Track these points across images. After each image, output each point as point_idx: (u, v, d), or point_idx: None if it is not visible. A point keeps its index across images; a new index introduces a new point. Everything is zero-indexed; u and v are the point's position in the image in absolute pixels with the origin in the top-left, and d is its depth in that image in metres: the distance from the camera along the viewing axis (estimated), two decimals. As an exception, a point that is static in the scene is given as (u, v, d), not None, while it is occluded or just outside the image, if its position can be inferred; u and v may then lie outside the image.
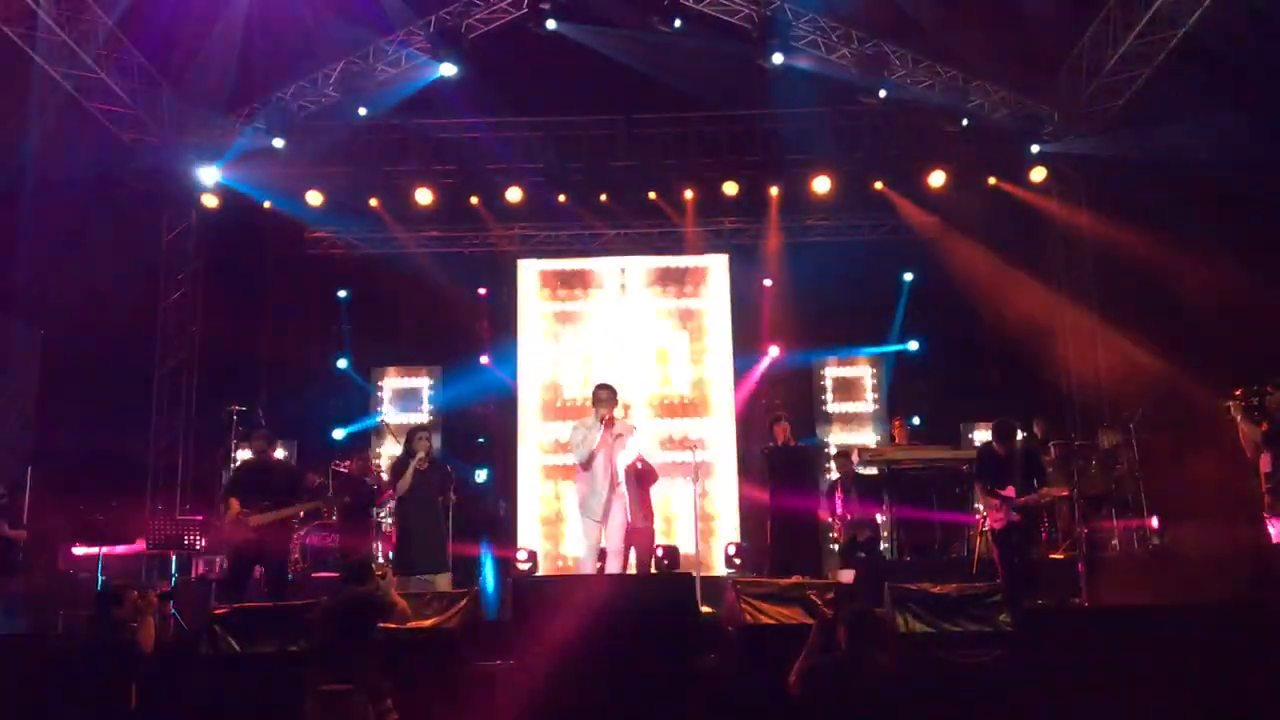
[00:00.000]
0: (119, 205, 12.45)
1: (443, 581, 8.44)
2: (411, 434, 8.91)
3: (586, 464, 7.73)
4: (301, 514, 9.34)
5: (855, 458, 10.85)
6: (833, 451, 12.22)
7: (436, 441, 11.76)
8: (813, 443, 12.64)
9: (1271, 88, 9.88)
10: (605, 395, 7.83)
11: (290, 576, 8.92)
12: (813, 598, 7.22)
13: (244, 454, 10.87)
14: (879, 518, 10.39)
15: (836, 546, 10.91)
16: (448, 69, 11.75)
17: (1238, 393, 7.69)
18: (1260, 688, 5.85)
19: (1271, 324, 9.52)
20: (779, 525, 9.92)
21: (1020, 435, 8.73)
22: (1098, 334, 12.83)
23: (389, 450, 12.48)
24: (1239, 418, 7.69)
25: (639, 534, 8.72)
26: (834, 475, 11.09)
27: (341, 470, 11.10)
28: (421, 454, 8.68)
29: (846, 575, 8.65)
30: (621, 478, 7.87)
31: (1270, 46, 9.57)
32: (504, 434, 13.53)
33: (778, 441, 10.09)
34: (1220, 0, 10.16)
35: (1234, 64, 10.25)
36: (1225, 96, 10.36)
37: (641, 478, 9.31)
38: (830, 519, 10.43)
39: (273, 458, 8.77)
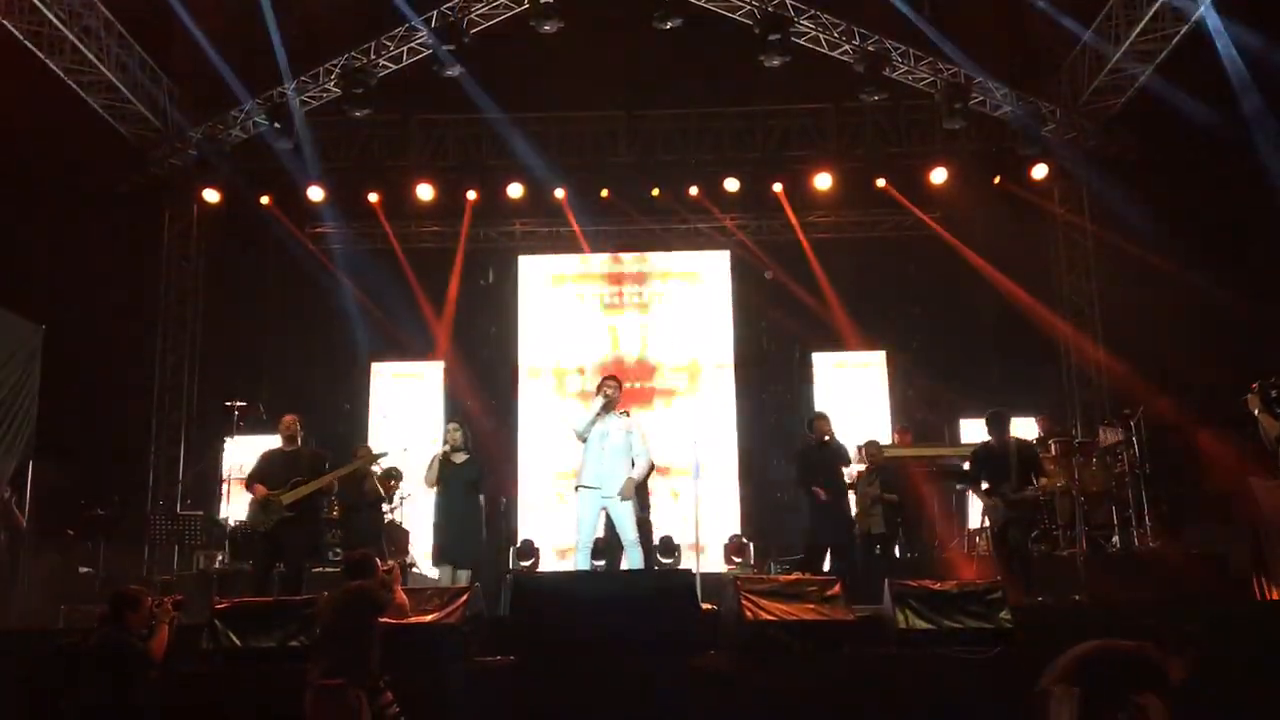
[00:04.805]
0: (121, 200, 12.48)
1: (463, 577, 8.45)
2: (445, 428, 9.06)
3: (584, 435, 7.78)
4: (336, 485, 9.08)
5: (857, 455, 10.82)
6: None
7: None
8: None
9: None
10: (612, 386, 7.87)
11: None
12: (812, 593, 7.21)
13: (250, 442, 10.87)
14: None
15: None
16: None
17: (1254, 386, 7.46)
18: (1261, 685, 5.85)
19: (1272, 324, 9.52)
20: (820, 521, 9.20)
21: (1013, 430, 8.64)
22: (1099, 330, 12.84)
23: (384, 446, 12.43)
24: (1257, 410, 7.44)
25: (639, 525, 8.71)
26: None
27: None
28: (447, 446, 8.75)
29: None
30: (623, 457, 7.83)
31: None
32: (503, 426, 13.55)
33: (820, 437, 9.33)
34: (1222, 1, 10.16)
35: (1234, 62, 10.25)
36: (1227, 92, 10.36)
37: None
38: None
39: (299, 445, 8.45)
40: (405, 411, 13.47)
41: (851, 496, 9.73)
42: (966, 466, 9.07)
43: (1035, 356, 13.15)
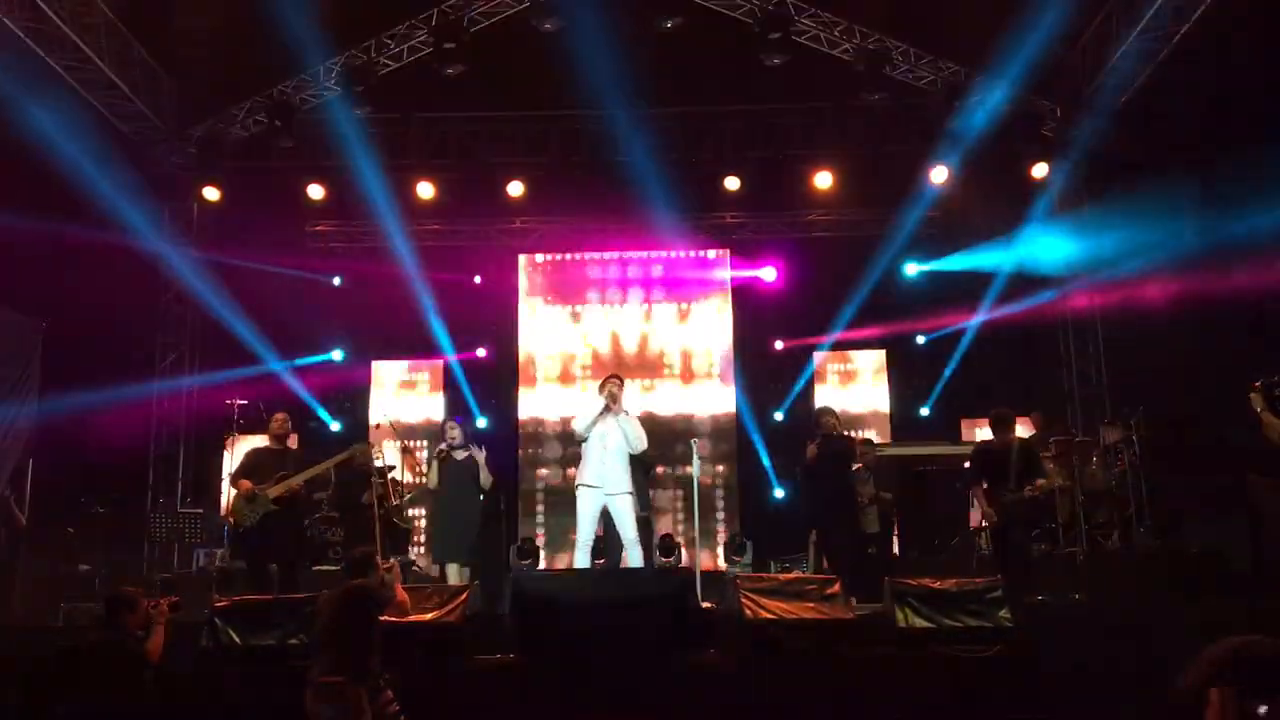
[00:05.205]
0: (120, 198, 12.44)
1: (465, 574, 8.47)
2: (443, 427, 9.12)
3: (584, 435, 7.84)
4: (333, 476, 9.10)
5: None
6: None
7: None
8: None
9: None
10: (615, 385, 7.93)
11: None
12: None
13: (250, 442, 10.86)
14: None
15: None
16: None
17: (1257, 385, 7.37)
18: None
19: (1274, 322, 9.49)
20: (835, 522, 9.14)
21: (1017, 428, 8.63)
22: (1099, 330, 12.83)
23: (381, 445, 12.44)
24: (1260, 409, 7.34)
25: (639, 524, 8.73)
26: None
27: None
28: (446, 445, 8.77)
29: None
30: (623, 458, 7.87)
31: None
32: (503, 426, 13.56)
33: (827, 432, 9.17)
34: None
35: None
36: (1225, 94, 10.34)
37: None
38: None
39: (288, 445, 8.59)
40: (405, 411, 13.47)
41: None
42: (967, 466, 9.06)
43: (1035, 356, 13.14)
